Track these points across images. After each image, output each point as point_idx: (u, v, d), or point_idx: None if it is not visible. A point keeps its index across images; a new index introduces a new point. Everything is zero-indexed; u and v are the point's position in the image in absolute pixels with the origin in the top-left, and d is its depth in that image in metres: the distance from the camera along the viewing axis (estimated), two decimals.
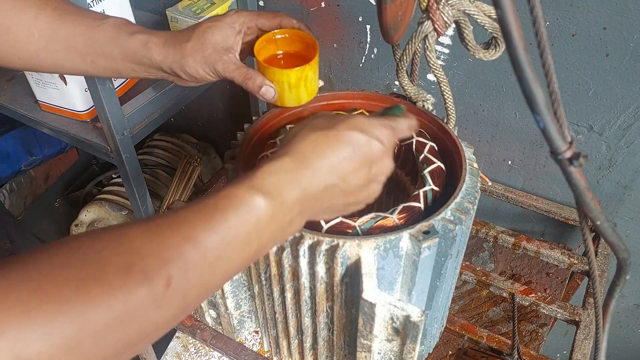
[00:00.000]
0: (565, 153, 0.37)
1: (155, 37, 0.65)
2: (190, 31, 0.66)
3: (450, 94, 0.68)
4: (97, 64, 0.66)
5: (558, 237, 1.18)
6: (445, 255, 0.60)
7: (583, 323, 0.86)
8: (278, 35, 0.71)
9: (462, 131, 1.11)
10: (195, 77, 0.67)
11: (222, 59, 0.66)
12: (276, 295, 0.66)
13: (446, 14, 0.57)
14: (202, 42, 0.65)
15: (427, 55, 0.63)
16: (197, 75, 0.67)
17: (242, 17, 0.68)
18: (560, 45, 0.90)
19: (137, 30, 0.65)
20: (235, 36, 0.67)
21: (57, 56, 0.65)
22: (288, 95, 0.69)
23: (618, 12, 0.83)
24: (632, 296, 1.20)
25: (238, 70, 0.66)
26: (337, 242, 0.56)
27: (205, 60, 0.65)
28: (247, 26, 0.69)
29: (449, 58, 1.02)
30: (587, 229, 0.47)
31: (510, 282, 0.91)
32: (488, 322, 1.05)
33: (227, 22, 0.67)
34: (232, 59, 0.66)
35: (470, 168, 0.65)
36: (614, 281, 0.54)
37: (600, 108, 0.94)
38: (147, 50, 0.65)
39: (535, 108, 0.34)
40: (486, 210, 1.22)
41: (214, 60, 0.65)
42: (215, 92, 1.47)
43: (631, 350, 1.32)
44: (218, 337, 0.80)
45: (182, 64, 0.65)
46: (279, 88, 0.68)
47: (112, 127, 0.95)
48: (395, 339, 0.59)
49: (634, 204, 1.04)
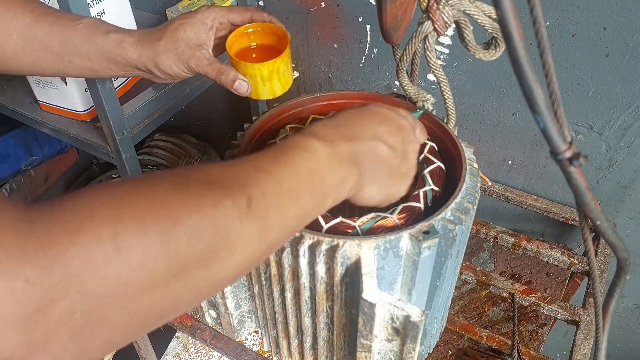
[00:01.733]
0: (565, 153, 0.37)
1: (129, 36, 0.66)
2: (163, 29, 0.67)
3: (450, 94, 0.68)
4: (74, 63, 0.67)
5: (558, 237, 1.18)
6: (445, 255, 0.60)
7: (583, 323, 0.86)
8: (250, 29, 0.72)
9: (462, 131, 1.11)
10: (169, 74, 0.68)
11: (195, 55, 0.67)
12: (276, 295, 0.66)
13: (446, 14, 0.57)
14: (175, 40, 0.66)
15: (427, 55, 0.63)
16: (171, 73, 0.68)
17: (214, 13, 0.69)
18: (560, 45, 0.90)
19: (111, 29, 0.66)
20: (208, 32, 0.68)
21: (34, 56, 0.65)
22: (262, 88, 0.70)
23: (618, 12, 0.83)
24: (632, 296, 1.20)
25: (211, 65, 0.67)
26: (337, 242, 0.56)
27: (179, 57, 0.67)
28: (219, 22, 0.70)
29: (449, 58, 1.02)
30: (587, 229, 0.47)
31: (510, 282, 0.91)
32: (488, 322, 1.05)
33: (198, 18, 0.68)
34: (205, 55, 0.68)
35: (470, 168, 0.65)
36: (614, 281, 0.54)
37: (600, 108, 0.94)
38: (121, 49, 0.66)
39: (535, 108, 0.34)
40: (486, 210, 1.22)
41: (187, 57, 0.67)
42: (215, 92, 1.47)
43: (631, 350, 1.32)
44: (218, 337, 0.80)
45: (156, 61, 0.66)
46: (252, 82, 0.69)
47: (112, 127, 0.95)
48: (395, 339, 0.59)
49: (634, 204, 1.04)
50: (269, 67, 0.68)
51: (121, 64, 0.67)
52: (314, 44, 1.15)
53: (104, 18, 0.98)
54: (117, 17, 1.01)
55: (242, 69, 0.68)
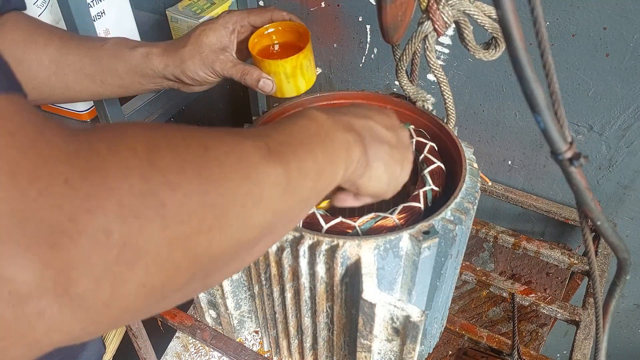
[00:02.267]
0: (566, 153, 0.37)
1: (154, 47, 0.69)
2: (187, 37, 0.70)
3: (450, 94, 0.68)
4: (106, 82, 0.70)
5: (558, 237, 1.18)
6: (445, 255, 0.60)
7: (583, 323, 0.86)
8: (270, 29, 0.73)
9: (462, 131, 1.11)
10: (196, 80, 0.70)
11: (219, 58, 0.69)
12: (276, 295, 0.66)
13: (446, 14, 0.57)
14: (199, 45, 0.69)
15: (427, 55, 0.63)
16: (198, 78, 0.70)
17: (234, 17, 0.71)
18: (560, 45, 0.90)
19: (138, 44, 0.70)
20: (230, 35, 0.70)
21: (67, 79, 0.68)
22: (286, 85, 0.71)
23: (618, 12, 0.83)
24: (632, 296, 1.20)
25: (235, 67, 0.69)
26: (337, 242, 0.56)
27: (204, 62, 0.69)
28: (240, 25, 0.71)
29: (449, 58, 1.02)
30: (587, 229, 0.47)
31: (510, 282, 0.91)
32: (488, 322, 1.05)
33: (220, 23, 0.70)
34: (229, 57, 0.70)
35: (470, 168, 0.65)
36: (614, 281, 0.54)
37: (600, 108, 0.94)
38: (148, 61, 0.68)
39: (535, 108, 0.34)
40: (486, 210, 1.22)
41: (212, 61, 0.69)
42: (215, 92, 1.47)
43: (631, 350, 1.32)
44: (218, 337, 0.80)
45: (183, 68, 0.69)
46: (276, 79, 0.69)
47: None
48: (395, 339, 0.59)
49: (634, 204, 1.04)
50: (292, 63, 0.68)
51: (150, 75, 0.70)
52: (314, 44, 1.15)
53: (104, 18, 0.98)
54: (117, 17, 1.01)
55: (265, 68, 0.69)
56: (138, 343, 1.02)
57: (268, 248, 0.39)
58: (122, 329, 1.37)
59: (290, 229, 0.46)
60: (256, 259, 0.64)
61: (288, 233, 0.57)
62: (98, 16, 0.97)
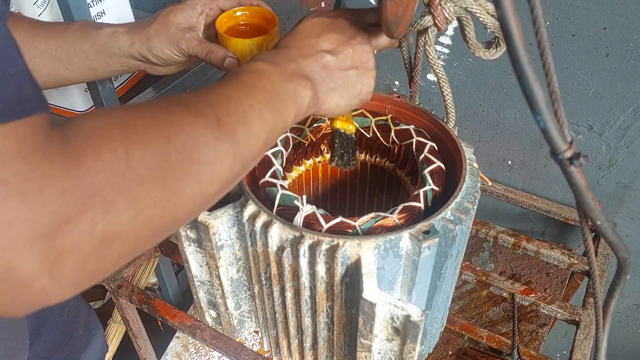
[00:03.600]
0: (566, 153, 0.37)
1: (120, 27, 0.70)
2: (154, 16, 0.71)
3: (450, 93, 0.68)
4: (73, 63, 0.70)
5: (558, 237, 1.18)
6: (445, 255, 0.60)
7: (583, 323, 0.86)
8: (239, 12, 0.73)
9: (462, 131, 1.11)
10: (162, 58, 0.71)
11: (185, 36, 0.70)
12: (276, 295, 0.66)
13: (447, 10, 0.57)
14: (166, 24, 0.69)
15: (427, 50, 0.62)
16: (163, 56, 0.70)
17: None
18: (560, 45, 0.90)
19: (104, 25, 0.70)
20: (198, 17, 0.71)
21: (34, 62, 0.69)
22: None
23: (618, 12, 0.83)
24: (632, 296, 1.20)
25: (201, 45, 0.70)
26: (337, 242, 0.56)
27: (170, 40, 0.69)
28: (209, 7, 0.72)
29: (449, 58, 1.02)
30: (587, 229, 0.47)
31: (510, 282, 0.91)
32: (488, 322, 1.05)
33: (188, 4, 0.71)
34: (195, 36, 0.70)
35: (470, 168, 0.65)
36: (614, 281, 0.54)
37: (600, 108, 0.94)
38: (115, 39, 0.69)
39: (535, 108, 0.34)
40: (486, 210, 1.22)
41: (178, 39, 0.69)
42: None
43: (631, 350, 1.32)
44: (218, 337, 0.80)
45: (149, 46, 0.69)
46: (242, 59, 0.69)
47: None
48: (395, 338, 0.59)
49: (634, 204, 1.04)
50: (258, 43, 0.68)
51: (116, 55, 0.70)
52: None
53: (104, 18, 0.98)
54: (117, 17, 1.01)
55: (231, 46, 0.69)
56: (138, 343, 1.02)
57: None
58: (122, 329, 1.37)
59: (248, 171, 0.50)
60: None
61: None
62: (98, 16, 0.97)
